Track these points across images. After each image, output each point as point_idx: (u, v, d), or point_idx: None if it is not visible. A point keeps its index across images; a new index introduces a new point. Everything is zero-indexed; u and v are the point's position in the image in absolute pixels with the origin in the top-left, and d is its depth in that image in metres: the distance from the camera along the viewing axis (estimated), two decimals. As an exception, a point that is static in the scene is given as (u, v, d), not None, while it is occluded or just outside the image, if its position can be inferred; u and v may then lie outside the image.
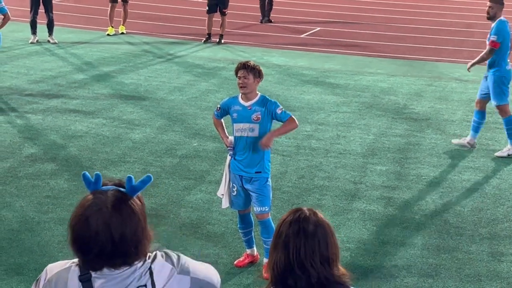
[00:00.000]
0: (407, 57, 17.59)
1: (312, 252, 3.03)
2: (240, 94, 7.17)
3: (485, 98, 10.99)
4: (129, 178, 3.06)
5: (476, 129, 11.08)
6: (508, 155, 10.85)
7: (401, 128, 11.99)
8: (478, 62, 11.04)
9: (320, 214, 3.15)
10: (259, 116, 7.06)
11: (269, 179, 7.20)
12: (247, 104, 7.10)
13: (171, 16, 21.86)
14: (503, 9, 10.85)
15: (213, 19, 18.41)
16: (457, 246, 7.94)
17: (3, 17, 13.11)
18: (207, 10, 18.39)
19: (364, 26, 21.15)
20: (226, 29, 18.53)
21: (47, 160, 10.07)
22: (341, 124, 12.14)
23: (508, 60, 10.88)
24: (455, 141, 11.23)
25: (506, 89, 10.84)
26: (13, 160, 10.02)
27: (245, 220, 7.35)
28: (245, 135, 7.10)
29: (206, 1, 18.52)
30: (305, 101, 13.38)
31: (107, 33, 18.97)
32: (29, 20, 17.59)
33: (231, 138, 7.29)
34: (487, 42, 10.80)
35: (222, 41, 18.38)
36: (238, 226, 7.43)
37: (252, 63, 7.14)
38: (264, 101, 7.11)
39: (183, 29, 20.21)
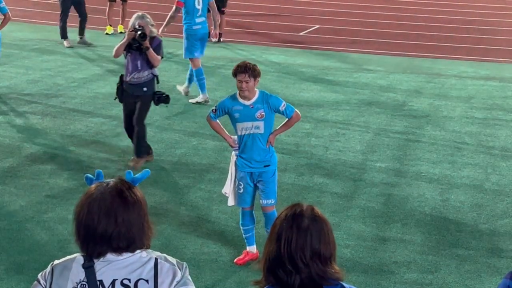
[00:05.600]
0: (406, 54, 17.58)
1: (303, 245, 3.00)
2: (238, 92, 7.16)
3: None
4: (128, 172, 3.26)
5: (190, 80, 13.18)
6: (197, 102, 12.89)
7: (401, 125, 11.99)
8: (168, 23, 12.94)
9: (318, 211, 3.12)
10: (263, 113, 7.08)
11: (276, 171, 7.26)
12: (248, 103, 7.09)
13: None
14: None
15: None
16: (457, 243, 7.95)
17: (3, 17, 13.09)
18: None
19: (363, 23, 21.13)
20: (224, 28, 18.52)
21: (46, 160, 10.08)
22: (340, 122, 12.14)
23: (197, 20, 12.89)
24: (180, 88, 13.26)
25: (194, 44, 12.78)
26: (12, 159, 10.02)
27: (248, 217, 7.35)
28: (251, 132, 7.10)
29: None
30: (304, 98, 13.37)
31: (105, 32, 18.94)
32: (59, 25, 17.22)
33: (234, 137, 7.29)
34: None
35: (221, 39, 18.38)
36: (241, 223, 7.43)
37: (250, 65, 7.04)
38: (264, 97, 7.13)
39: (181, 27, 20.17)
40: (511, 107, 13.23)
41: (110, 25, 18.98)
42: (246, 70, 6.96)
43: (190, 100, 13.08)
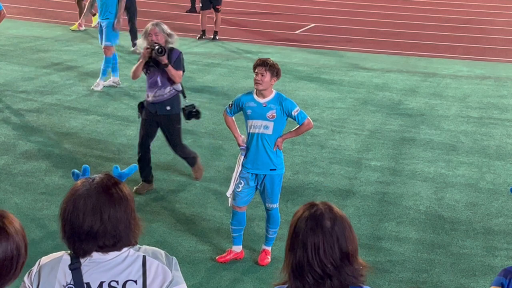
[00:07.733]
0: (402, 53, 17.60)
1: (331, 249, 2.92)
2: (255, 90, 7.15)
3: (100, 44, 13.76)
4: (116, 167, 3.17)
5: (115, 70, 13.69)
6: (106, 86, 13.58)
7: (396, 124, 12.00)
8: (121, 11, 13.61)
9: (336, 208, 3.04)
10: (274, 114, 7.06)
11: (282, 176, 7.24)
12: (262, 101, 7.09)
13: (164, 13, 21.84)
14: None
15: (207, 15, 18.40)
16: (452, 241, 7.96)
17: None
18: (201, 6, 18.38)
19: (359, 22, 21.15)
20: (220, 26, 18.53)
21: (41, 157, 10.06)
22: (335, 120, 12.14)
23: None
24: (101, 84, 13.59)
25: (113, 33, 13.49)
26: (7, 157, 10.01)
27: (239, 218, 7.32)
28: (259, 132, 7.09)
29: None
30: (300, 97, 13.37)
31: (71, 28, 18.77)
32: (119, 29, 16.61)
33: (243, 137, 7.28)
34: None
35: (217, 37, 18.38)
36: (231, 222, 7.40)
37: (271, 61, 7.06)
38: (279, 99, 7.11)
39: (176, 25, 20.19)
40: (506, 106, 13.26)
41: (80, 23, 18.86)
42: (264, 64, 6.99)
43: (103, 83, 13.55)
